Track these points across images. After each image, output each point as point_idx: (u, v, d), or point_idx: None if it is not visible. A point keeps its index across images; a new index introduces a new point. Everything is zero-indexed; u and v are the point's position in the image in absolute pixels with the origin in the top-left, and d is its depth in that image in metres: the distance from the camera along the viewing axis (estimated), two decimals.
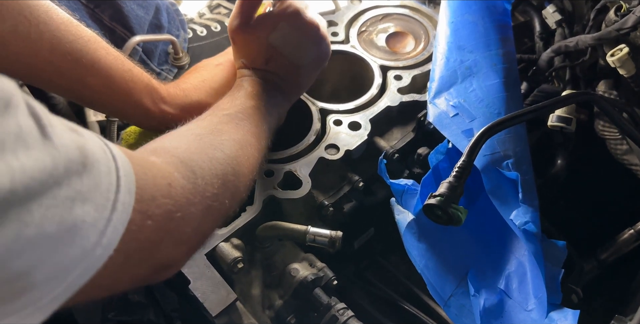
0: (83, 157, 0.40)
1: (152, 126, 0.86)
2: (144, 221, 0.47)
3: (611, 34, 0.88)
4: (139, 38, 0.96)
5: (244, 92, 0.80)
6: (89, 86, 0.76)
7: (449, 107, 0.91)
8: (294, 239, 0.84)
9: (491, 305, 0.81)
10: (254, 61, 0.85)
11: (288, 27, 0.82)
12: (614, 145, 1.02)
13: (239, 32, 0.83)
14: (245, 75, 0.84)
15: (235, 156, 0.66)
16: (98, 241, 0.41)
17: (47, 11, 0.70)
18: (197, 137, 0.65)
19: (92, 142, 0.43)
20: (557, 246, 0.81)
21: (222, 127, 0.70)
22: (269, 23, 0.82)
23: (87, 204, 0.40)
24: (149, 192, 0.49)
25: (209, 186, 0.58)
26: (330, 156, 0.90)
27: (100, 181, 0.42)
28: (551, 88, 1.05)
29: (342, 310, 0.81)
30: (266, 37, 0.82)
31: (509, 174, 0.81)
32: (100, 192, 0.41)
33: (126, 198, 0.44)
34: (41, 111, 0.39)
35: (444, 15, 1.02)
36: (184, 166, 0.56)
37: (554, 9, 1.08)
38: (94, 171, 0.41)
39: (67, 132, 0.40)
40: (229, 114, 0.73)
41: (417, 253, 0.86)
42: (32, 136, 0.36)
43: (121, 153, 0.46)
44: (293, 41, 0.83)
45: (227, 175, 0.62)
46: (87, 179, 0.40)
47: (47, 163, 0.37)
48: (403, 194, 0.88)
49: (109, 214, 0.42)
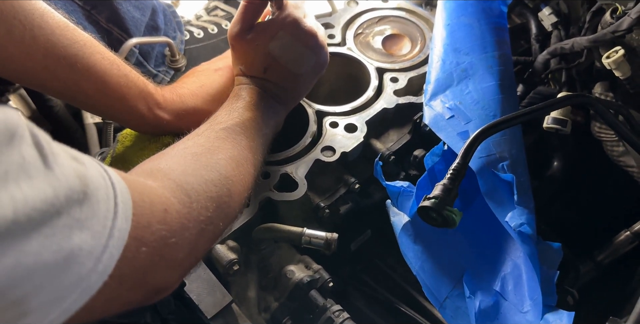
0: (83, 186, 0.41)
1: (147, 131, 0.86)
2: (139, 247, 0.48)
3: (607, 36, 0.89)
4: (135, 40, 0.96)
5: (241, 102, 0.80)
6: (84, 90, 0.76)
7: (445, 109, 0.91)
8: (290, 241, 0.84)
9: (487, 307, 0.81)
10: (252, 69, 0.84)
11: (287, 36, 0.82)
12: (610, 147, 1.03)
13: (239, 39, 0.83)
14: (243, 83, 0.84)
15: (231, 176, 0.66)
16: (94, 268, 0.42)
17: (42, 15, 0.70)
18: (194, 157, 0.66)
19: (93, 170, 0.44)
20: (552, 248, 0.81)
21: (219, 144, 0.70)
22: (269, 32, 0.82)
23: (84, 232, 0.41)
24: (145, 218, 0.50)
25: (203, 209, 0.59)
26: (326, 158, 0.90)
27: (99, 208, 0.42)
28: (547, 90, 1.05)
29: (338, 312, 0.81)
30: (265, 45, 0.82)
31: (504, 176, 0.82)
32: (98, 219, 0.42)
33: (123, 225, 0.45)
34: (44, 140, 0.39)
35: (440, 18, 1.02)
36: (180, 189, 0.57)
37: (550, 11, 1.09)
38: (93, 199, 0.42)
39: (68, 161, 0.41)
40: (226, 128, 0.73)
41: (412, 255, 0.86)
42: (34, 166, 0.37)
43: (120, 179, 0.47)
44: (292, 50, 0.83)
45: (221, 197, 0.63)
46: (86, 208, 0.41)
47: (48, 193, 0.37)
48: (399, 196, 0.88)
49: (105, 241, 0.43)
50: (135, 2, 1.00)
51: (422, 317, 0.97)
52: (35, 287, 0.37)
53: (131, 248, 0.47)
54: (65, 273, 0.39)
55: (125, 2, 0.98)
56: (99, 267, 0.42)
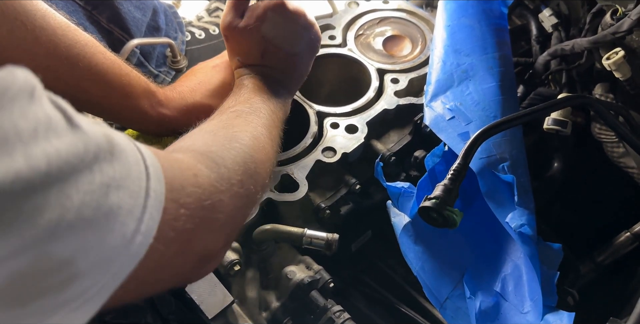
0: (111, 146, 0.40)
1: (150, 130, 0.86)
2: (177, 209, 0.48)
3: (607, 38, 0.89)
4: (136, 41, 0.96)
5: (245, 89, 0.80)
6: (87, 90, 0.76)
7: (446, 110, 0.91)
8: (290, 242, 0.84)
9: (487, 307, 0.81)
10: (249, 57, 0.85)
11: (276, 16, 0.83)
12: (610, 148, 1.03)
13: (232, 28, 0.84)
14: (244, 74, 0.84)
15: (251, 145, 0.66)
16: (137, 228, 0.41)
17: (44, 16, 0.70)
18: (211, 133, 0.66)
19: (118, 134, 0.43)
20: (552, 249, 0.81)
21: (232, 121, 0.71)
22: (259, 15, 0.83)
23: (121, 191, 0.39)
24: (178, 181, 0.49)
25: (232, 173, 0.59)
26: (327, 159, 0.91)
27: (130, 168, 0.41)
28: (547, 91, 1.06)
29: (339, 312, 0.81)
30: (258, 29, 0.83)
31: (504, 177, 0.82)
32: (132, 179, 0.41)
33: (157, 186, 0.44)
34: (64, 104, 0.39)
35: (440, 19, 1.02)
36: (205, 157, 0.57)
37: (550, 12, 1.09)
38: (123, 159, 0.41)
39: (92, 124, 0.41)
40: (236, 110, 0.74)
41: (413, 256, 0.86)
42: (60, 124, 0.37)
43: (145, 147, 0.46)
44: (284, 29, 0.83)
45: (247, 163, 0.63)
46: (118, 166, 0.40)
47: (79, 148, 0.37)
48: (399, 196, 0.88)
49: (143, 201, 0.42)
50: (136, 2, 1.00)
51: (422, 317, 0.97)
52: (82, 246, 0.36)
53: (170, 210, 0.46)
54: (109, 232, 0.38)
55: (126, 2, 0.98)
56: (142, 227, 0.41)
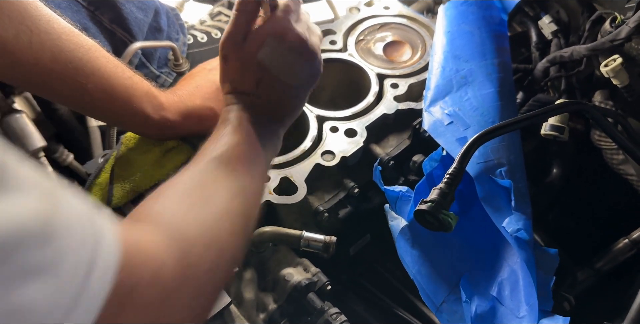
0: (45, 225, 0.36)
1: (151, 133, 0.87)
2: (122, 308, 0.43)
3: (605, 45, 0.89)
4: (139, 44, 0.98)
5: (229, 128, 0.71)
6: (90, 93, 0.77)
7: (444, 115, 0.92)
8: (288, 244, 0.85)
9: (483, 311, 0.82)
10: (244, 83, 0.75)
11: (275, 42, 0.74)
12: (609, 155, 1.03)
13: (232, 49, 0.75)
14: (231, 103, 0.75)
15: (230, 208, 0.61)
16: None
17: (49, 21, 0.72)
18: (185, 195, 0.60)
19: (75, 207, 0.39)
20: (549, 254, 0.82)
21: (210, 176, 0.64)
22: (258, 39, 0.73)
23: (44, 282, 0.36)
24: (134, 278, 0.44)
25: (202, 260, 0.53)
26: (326, 162, 0.91)
27: (66, 255, 0.37)
28: (546, 98, 1.06)
29: (335, 315, 0.81)
30: (255, 55, 0.73)
31: (502, 182, 0.82)
32: (64, 269, 0.37)
33: (101, 279, 0.40)
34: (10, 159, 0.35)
35: (440, 25, 1.03)
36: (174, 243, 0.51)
37: (550, 19, 1.10)
38: (57, 243, 0.37)
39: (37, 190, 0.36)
40: (216, 157, 0.66)
41: (410, 259, 0.86)
42: None
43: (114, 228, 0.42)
44: (282, 58, 0.74)
45: (220, 237, 0.57)
46: (49, 252, 0.36)
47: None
48: (397, 200, 0.89)
49: (75, 295, 0.38)
50: (138, 2, 1.01)
51: (418, 321, 0.97)
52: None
53: (112, 309, 0.41)
54: None
55: (128, 3, 0.99)
56: None
